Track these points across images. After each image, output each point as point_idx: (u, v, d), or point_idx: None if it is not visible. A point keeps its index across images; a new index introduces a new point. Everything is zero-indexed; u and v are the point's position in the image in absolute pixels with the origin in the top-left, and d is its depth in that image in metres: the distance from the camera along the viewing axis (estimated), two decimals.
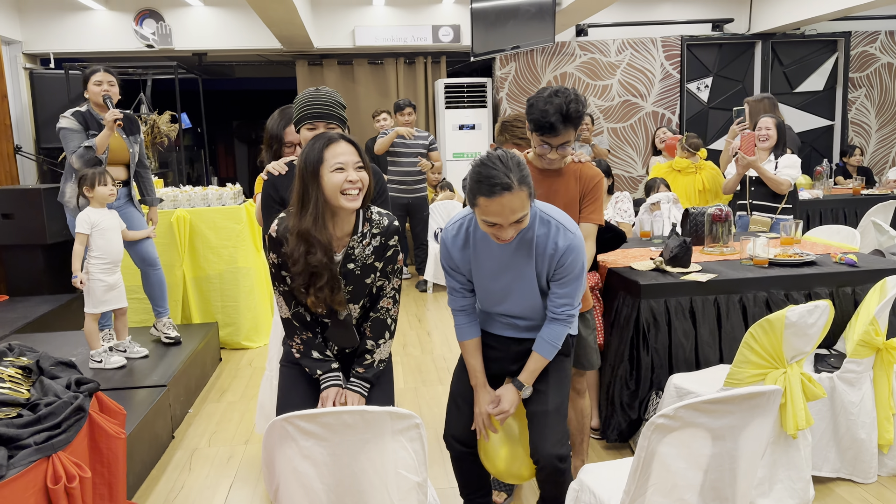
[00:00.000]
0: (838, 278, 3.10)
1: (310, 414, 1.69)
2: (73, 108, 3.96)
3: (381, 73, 8.03)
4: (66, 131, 3.87)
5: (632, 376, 3.06)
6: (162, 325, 4.25)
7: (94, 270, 3.62)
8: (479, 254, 2.24)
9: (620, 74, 7.91)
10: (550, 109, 2.37)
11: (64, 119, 3.90)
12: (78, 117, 3.92)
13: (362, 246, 2.14)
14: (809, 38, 8.00)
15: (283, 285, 2.15)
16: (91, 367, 3.78)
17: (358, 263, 2.14)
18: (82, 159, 3.83)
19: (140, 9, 7.27)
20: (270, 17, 5.88)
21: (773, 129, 4.34)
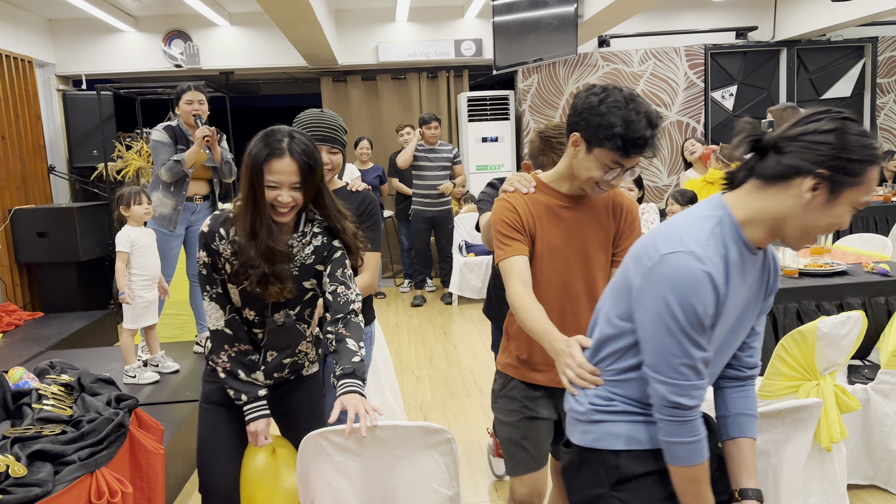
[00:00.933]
0: (871, 288, 3.07)
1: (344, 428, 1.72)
2: (164, 123, 4.11)
3: (405, 87, 8.11)
4: (158, 144, 4.02)
5: None
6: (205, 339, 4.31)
7: (135, 287, 3.72)
8: (731, 289, 1.44)
9: (644, 84, 7.90)
10: (639, 120, 1.71)
11: (156, 132, 4.04)
12: (169, 132, 4.06)
13: (301, 245, 1.99)
14: (835, 44, 7.93)
15: (215, 287, 1.95)
16: (125, 381, 3.85)
17: (296, 264, 1.99)
18: (171, 171, 3.99)
19: (168, 30, 7.44)
20: (296, 35, 5.98)
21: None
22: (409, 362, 4.95)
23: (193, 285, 4.28)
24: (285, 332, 2.02)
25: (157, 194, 4.09)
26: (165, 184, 4.06)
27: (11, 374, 2.14)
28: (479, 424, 3.78)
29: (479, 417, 3.88)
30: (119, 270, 3.68)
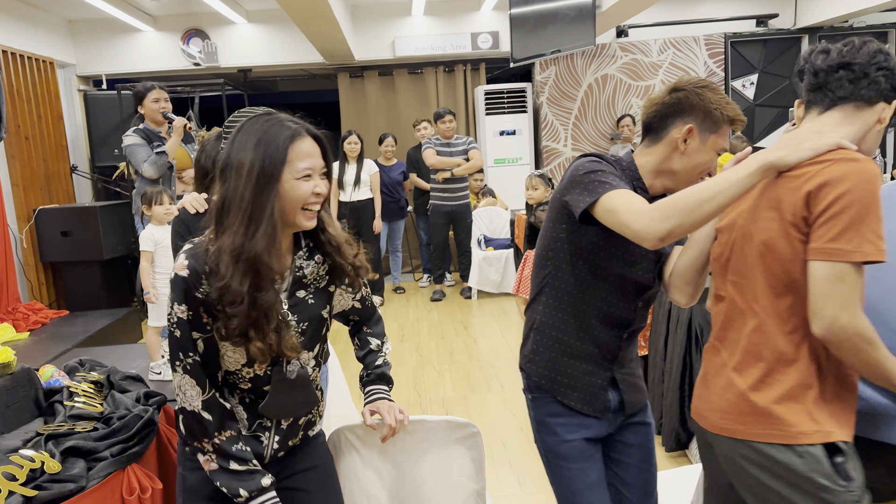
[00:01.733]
0: None
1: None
2: (132, 128, 4.14)
3: (421, 82, 8.10)
4: (133, 147, 4.09)
5: (683, 381, 3.03)
6: None
7: (159, 285, 3.77)
8: None
9: (663, 74, 7.83)
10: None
11: (127, 137, 4.12)
12: (140, 133, 4.15)
13: (314, 264, 1.57)
14: (858, 30, 7.80)
15: (191, 355, 1.44)
16: (151, 378, 3.89)
17: (310, 289, 1.56)
18: (155, 165, 4.07)
19: (187, 28, 7.49)
20: (313, 32, 5.99)
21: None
22: (429, 357, 4.96)
23: None
24: (298, 387, 1.55)
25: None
26: (152, 183, 4.09)
27: (42, 372, 2.17)
28: (500, 418, 3.78)
29: (500, 411, 3.88)
30: (144, 269, 3.73)
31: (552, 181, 4.53)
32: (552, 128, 7.89)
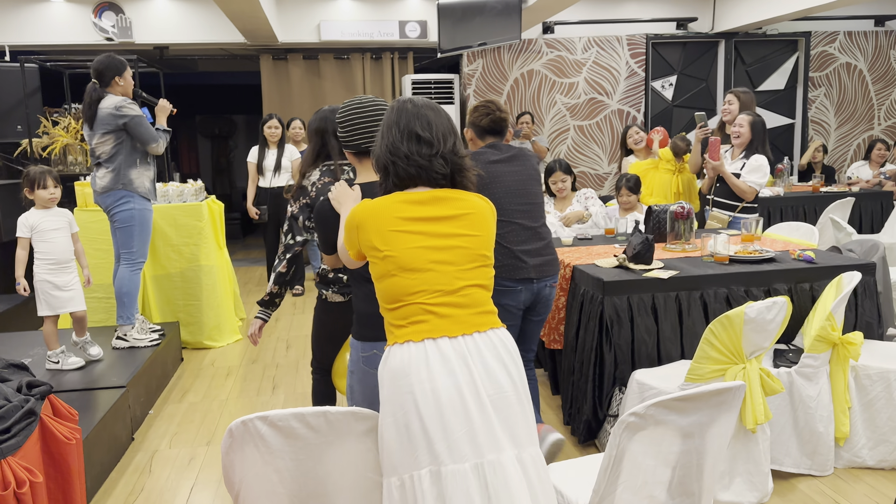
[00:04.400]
0: (796, 275, 3.16)
1: (273, 416, 1.66)
2: (119, 98, 3.95)
3: (348, 67, 7.97)
4: (142, 118, 3.96)
5: (596, 372, 3.08)
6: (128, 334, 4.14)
7: (41, 272, 3.58)
8: None
9: (586, 72, 7.97)
10: None
11: (132, 107, 3.95)
12: (135, 104, 3.99)
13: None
14: (771, 37, 8.15)
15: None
16: (48, 367, 3.69)
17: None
18: (166, 142, 4.09)
19: (99, 1, 7.10)
20: (233, 10, 5.78)
21: (747, 126, 4.18)
22: None
23: (125, 267, 4.09)
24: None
25: (135, 170, 4.02)
26: (141, 154, 4.05)
27: None
28: None
29: None
30: (18, 258, 3.53)
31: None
32: None
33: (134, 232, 4.04)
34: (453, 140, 1.83)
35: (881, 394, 2.89)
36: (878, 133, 8.54)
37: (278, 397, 3.99)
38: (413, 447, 1.67)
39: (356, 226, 1.80)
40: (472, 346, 1.72)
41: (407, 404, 1.68)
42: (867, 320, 3.22)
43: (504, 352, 1.75)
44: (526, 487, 1.68)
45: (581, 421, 3.16)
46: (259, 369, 4.47)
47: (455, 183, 1.84)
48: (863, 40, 8.31)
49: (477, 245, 1.80)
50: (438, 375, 1.68)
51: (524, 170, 2.93)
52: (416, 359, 1.70)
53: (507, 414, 1.71)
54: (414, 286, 1.73)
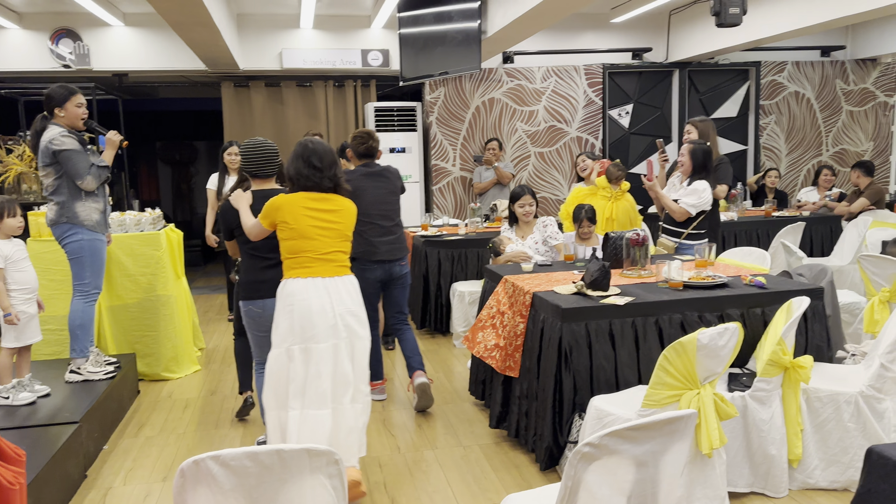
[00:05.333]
0: (748, 300, 3.25)
1: (225, 455, 1.64)
2: (58, 129, 3.83)
3: (310, 95, 7.99)
4: (73, 152, 3.80)
5: (556, 398, 3.11)
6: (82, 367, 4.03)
7: (16, 303, 3.51)
8: None
9: (546, 100, 8.11)
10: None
11: (66, 140, 3.81)
12: (76, 138, 3.86)
13: None
14: (723, 66, 8.42)
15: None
16: None
17: None
18: (99, 178, 3.92)
19: (56, 28, 7.03)
20: (193, 39, 5.77)
21: (687, 155, 4.38)
22: None
23: (79, 299, 3.99)
24: None
25: (80, 203, 3.91)
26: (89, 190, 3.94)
27: None
28: (378, 438, 3.74)
29: (378, 431, 3.83)
30: (1, 291, 3.45)
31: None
32: (441, 147, 7.98)
33: (85, 263, 3.94)
34: (334, 168, 3.06)
35: (831, 416, 2.97)
36: (827, 159, 8.84)
37: (237, 430, 3.92)
38: (294, 333, 2.92)
39: (277, 207, 2.97)
40: (332, 284, 2.98)
41: (294, 310, 2.93)
42: (817, 343, 3.32)
43: (351, 287, 3.06)
44: (350, 358, 3.00)
45: (542, 448, 3.17)
46: (218, 401, 4.40)
47: (336, 191, 3.07)
48: (810, 70, 8.63)
49: (343, 228, 3.07)
50: (313, 296, 2.93)
51: (385, 185, 4.23)
52: (302, 286, 2.95)
53: (349, 321, 2.99)
54: (305, 247, 2.97)
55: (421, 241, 5.74)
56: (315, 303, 2.91)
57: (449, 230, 6.12)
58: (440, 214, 7.91)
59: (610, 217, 5.19)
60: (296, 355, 2.91)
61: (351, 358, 2.99)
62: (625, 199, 5.32)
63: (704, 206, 4.35)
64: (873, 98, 8.82)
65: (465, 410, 4.10)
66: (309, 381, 2.91)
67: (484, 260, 5.69)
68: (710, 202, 4.37)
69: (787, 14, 6.34)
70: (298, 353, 2.91)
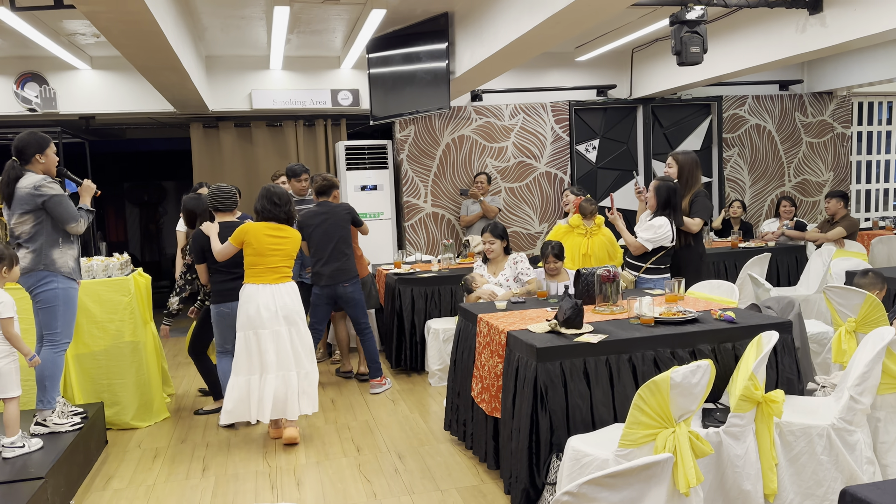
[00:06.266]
0: (719, 335, 3.29)
1: None
2: (39, 176, 3.83)
3: (280, 135, 8.00)
4: (62, 197, 3.84)
5: (532, 439, 3.09)
6: (47, 420, 3.93)
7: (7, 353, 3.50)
8: None
9: (514, 137, 8.23)
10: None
11: (52, 185, 3.83)
12: (57, 182, 3.89)
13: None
14: (685, 101, 8.64)
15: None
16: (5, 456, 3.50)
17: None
18: (87, 222, 3.96)
19: (22, 72, 6.97)
20: (162, 83, 5.77)
21: (652, 192, 4.57)
22: None
23: (49, 349, 3.90)
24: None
25: (57, 250, 3.89)
26: (65, 235, 3.92)
27: None
28: (355, 486, 3.68)
29: (355, 478, 3.77)
30: (17, 337, 3.49)
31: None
32: (413, 184, 8.02)
33: (58, 312, 3.88)
34: (289, 205, 4.31)
35: (805, 449, 2.99)
36: (790, 189, 9.07)
37: (208, 480, 3.83)
38: (248, 323, 4.15)
39: (245, 231, 4.20)
40: (276, 288, 4.21)
41: (249, 308, 4.15)
42: (788, 377, 3.36)
43: (292, 290, 4.27)
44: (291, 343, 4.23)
45: (519, 490, 3.15)
46: (188, 449, 4.30)
47: (288, 222, 4.30)
48: (770, 103, 8.89)
49: (290, 250, 4.29)
50: (262, 298, 4.15)
51: (332, 219, 5.19)
52: (254, 290, 4.18)
53: (287, 313, 4.20)
54: (260, 262, 4.19)
55: (394, 278, 5.73)
56: (262, 301, 4.16)
57: (422, 267, 6.12)
58: (413, 251, 7.92)
59: (587, 253, 5.24)
60: (251, 338, 4.17)
61: (290, 340, 4.22)
62: (601, 234, 5.37)
63: (662, 241, 4.48)
64: (831, 129, 9.10)
65: (441, 452, 4.06)
66: (260, 355, 4.18)
67: (458, 296, 5.69)
68: (669, 238, 4.48)
69: (746, 51, 6.55)
70: (252, 336, 4.16)
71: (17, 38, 6.11)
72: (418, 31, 6.35)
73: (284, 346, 4.18)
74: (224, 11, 5.68)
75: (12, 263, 3.51)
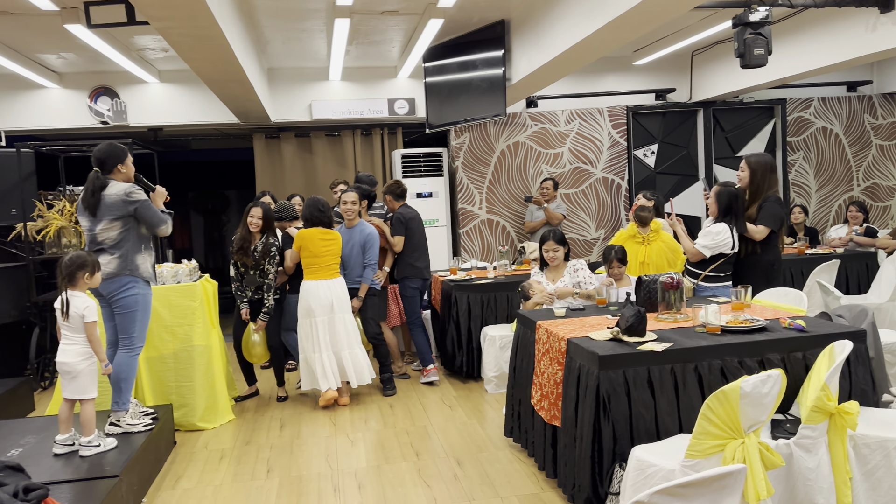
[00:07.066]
0: (788, 344, 3.20)
1: None
2: (125, 184, 4.04)
3: (339, 144, 8.15)
4: (148, 203, 4.06)
5: (594, 448, 3.07)
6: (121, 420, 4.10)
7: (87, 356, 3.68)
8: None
9: (570, 143, 8.18)
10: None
11: (139, 193, 4.04)
12: (140, 190, 4.10)
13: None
14: (748, 105, 8.43)
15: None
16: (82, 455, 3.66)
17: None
18: (170, 226, 4.19)
19: (95, 86, 7.29)
20: (227, 94, 5.95)
21: (713, 197, 4.50)
22: (343, 425, 4.84)
23: (124, 352, 4.07)
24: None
25: (140, 256, 4.08)
26: (146, 240, 4.13)
27: None
28: (415, 490, 3.71)
29: (415, 482, 3.80)
30: (98, 342, 3.63)
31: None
32: (467, 191, 8.06)
33: (136, 317, 4.05)
34: (331, 212, 5.16)
35: (881, 462, 2.88)
36: (858, 193, 8.74)
37: (273, 481, 3.92)
38: (307, 313, 5.10)
39: (302, 237, 5.10)
40: (329, 283, 5.12)
41: (309, 300, 5.09)
42: (862, 388, 3.24)
43: (340, 285, 5.17)
44: (344, 328, 5.16)
45: (582, 499, 3.12)
46: (253, 451, 4.41)
47: (330, 227, 5.14)
48: (837, 105, 8.61)
49: (336, 250, 5.15)
50: (319, 291, 5.09)
51: (419, 219, 5.84)
52: (313, 285, 5.10)
53: (339, 304, 5.12)
54: (317, 261, 5.08)
55: (450, 285, 5.77)
56: (319, 293, 5.07)
57: (477, 273, 6.14)
58: (468, 258, 7.94)
59: (644, 261, 5.13)
60: (311, 324, 5.09)
61: (343, 325, 5.14)
62: (659, 240, 5.22)
63: (720, 248, 4.39)
64: None
65: (500, 459, 4.06)
66: (318, 338, 5.10)
67: (514, 303, 5.68)
68: (728, 245, 4.38)
69: (813, 52, 6.36)
70: (312, 323, 5.09)
71: (91, 53, 6.40)
72: (474, 38, 6.38)
73: (337, 329, 5.11)
74: (286, 24, 5.84)
75: (94, 269, 3.68)
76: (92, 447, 3.68)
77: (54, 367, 6.34)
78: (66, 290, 3.60)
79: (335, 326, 5.11)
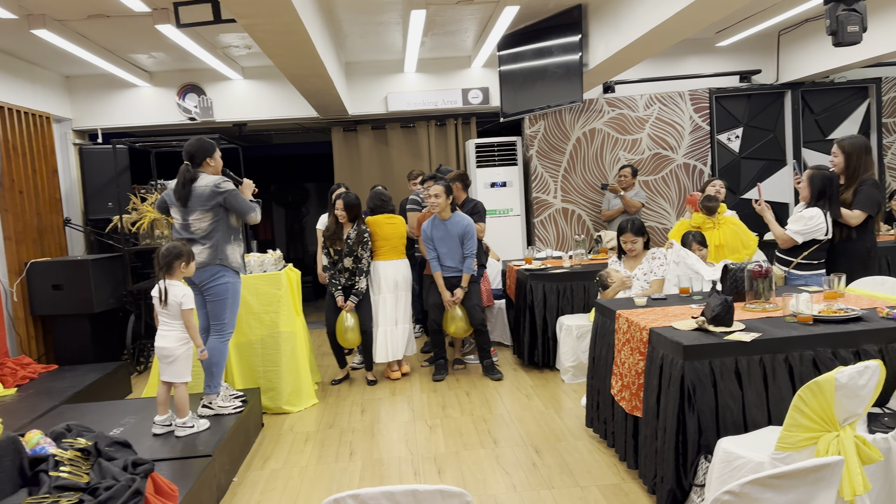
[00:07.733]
0: (887, 334, 3.04)
1: (364, 494, 1.71)
2: (215, 176, 4.24)
3: (414, 135, 8.23)
4: (237, 192, 4.24)
5: (679, 440, 3.01)
6: (213, 402, 4.30)
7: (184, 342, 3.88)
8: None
9: (649, 128, 7.98)
10: None
11: (228, 183, 4.22)
12: (229, 181, 4.27)
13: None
14: (839, 85, 8.01)
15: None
16: (178, 435, 3.86)
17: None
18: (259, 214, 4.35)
19: (183, 84, 7.62)
20: (308, 89, 6.10)
21: (805, 181, 4.32)
22: (421, 411, 4.91)
23: (216, 338, 4.27)
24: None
25: (230, 246, 4.27)
26: (235, 231, 4.30)
27: (28, 439, 2.15)
28: (493, 477, 3.74)
29: (493, 469, 3.83)
30: (195, 328, 3.82)
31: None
32: (542, 180, 7.99)
33: (227, 304, 4.24)
34: (391, 201, 5.77)
35: None
36: None
37: (356, 464, 4.03)
38: (377, 289, 5.65)
39: (371, 223, 5.58)
40: (393, 263, 5.62)
41: (378, 278, 5.63)
42: None
43: (404, 265, 5.69)
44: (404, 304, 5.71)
45: (665, 490, 3.07)
46: (336, 434, 4.54)
47: (393, 213, 5.69)
48: None
49: (402, 233, 5.66)
50: (388, 271, 5.61)
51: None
52: (382, 265, 5.62)
53: (402, 283, 5.67)
54: (386, 244, 5.58)
55: (526, 274, 5.75)
56: (387, 273, 5.57)
57: (552, 263, 6.10)
58: (542, 247, 7.89)
59: (720, 244, 5.01)
60: (379, 301, 5.60)
61: (403, 302, 5.65)
62: (728, 223, 5.10)
63: (814, 234, 4.20)
64: None
65: (578, 449, 4.04)
66: (385, 313, 5.61)
67: (590, 292, 5.62)
68: (822, 231, 4.19)
69: None
70: (380, 299, 5.59)
71: (179, 52, 6.69)
72: (550, 25, 6.31)
73: (399, 305, 5.66)
74: (363, 18, 5.93)
75: (189, 259, 3.87)
76: (187, 428, 3.88)
77: (149, 352, 6.70)
78: (163, 279, 3.79)
79: (398, 303, 5.62)
